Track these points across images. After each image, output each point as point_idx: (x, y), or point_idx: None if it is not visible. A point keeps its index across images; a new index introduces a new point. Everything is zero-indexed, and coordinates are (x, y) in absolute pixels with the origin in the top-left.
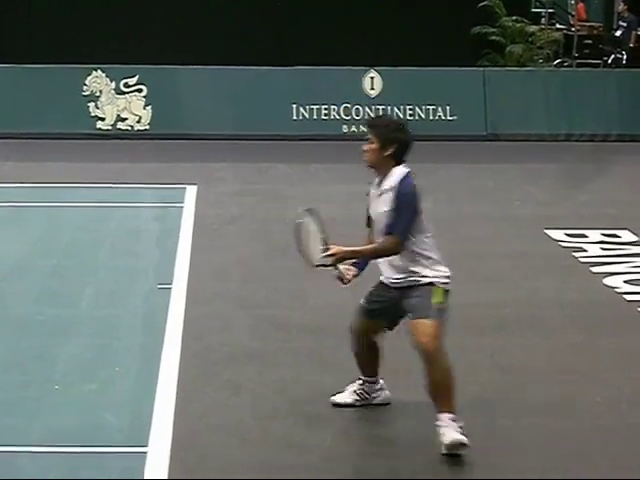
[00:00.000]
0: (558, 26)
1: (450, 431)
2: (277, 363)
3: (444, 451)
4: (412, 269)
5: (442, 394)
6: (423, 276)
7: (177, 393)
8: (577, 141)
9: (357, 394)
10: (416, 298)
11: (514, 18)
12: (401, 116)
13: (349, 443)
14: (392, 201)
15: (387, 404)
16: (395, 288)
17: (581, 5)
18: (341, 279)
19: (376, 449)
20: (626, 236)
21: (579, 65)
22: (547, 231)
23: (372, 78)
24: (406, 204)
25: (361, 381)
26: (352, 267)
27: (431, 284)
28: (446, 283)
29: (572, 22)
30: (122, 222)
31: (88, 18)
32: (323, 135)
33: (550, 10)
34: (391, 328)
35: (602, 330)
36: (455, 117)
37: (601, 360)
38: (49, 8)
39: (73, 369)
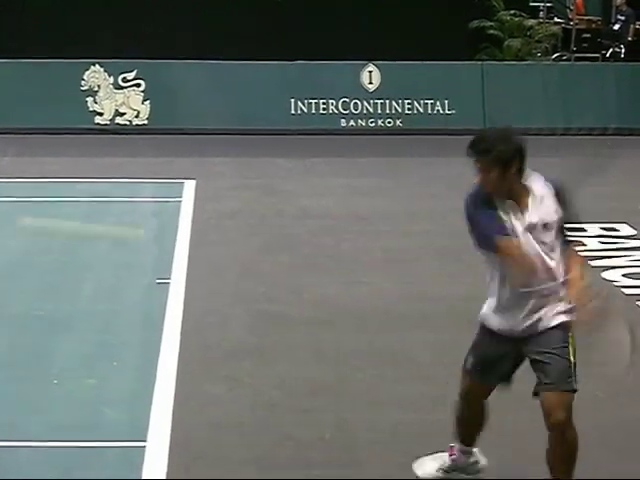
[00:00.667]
0: (556, 20)
1: None
2: (275, 358)
3: None
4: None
5: (569, 467)
6: (558, 315)
7: (176, 388)
8: (575, 135)
9: (445, 470)
10: (551, 355)
11: (512, 12)
12: (399, 110)
13: (348, 437)
14: (556, 204)
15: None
16: (519, 338)
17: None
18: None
19: (375, 441)
20: (625, 230)
21: (577, 59)
22: None
23: (370, 72)
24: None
25: (455, 455)
26: None
27: (567, 324)
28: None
29: (570, 16)
30: (120, 217)
31: (86, 12)
32: (321, 129)
33: (548, 4)
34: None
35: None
36: (453, 111)
37: (600, 353)
38: (46, 2)
39: (72, 364)
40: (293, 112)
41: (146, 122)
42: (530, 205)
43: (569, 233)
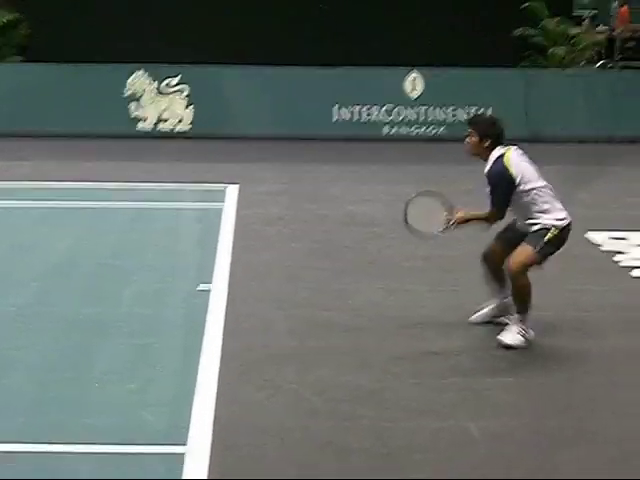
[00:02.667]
0: (600, 28)
1: (510, 333)
2: (317, 363)
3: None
4: (528, 217)
5: (518, 301)
6: (538, 223)
7: (217, 393)
8: (620, 142)
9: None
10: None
11: (556, 20)
12: (443, 118)
13: (388, 445)
14: (487, 184)
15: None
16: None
17: (624, 8)
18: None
19: (415, 449)
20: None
21: (622, 67)
22: (589, 233)
23: (414, 79)
24: (495, 184)
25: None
26: None
27: (545, 229)
28: (560, 223)
29: (615, 24)
30: (164, 222)
31: (130, 17)
32: (364, 136)
33: (592, 12)
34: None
35: None
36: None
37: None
38: (90, 6)
39: (113, 368)
40: (336, 118)
41: (189, 127)
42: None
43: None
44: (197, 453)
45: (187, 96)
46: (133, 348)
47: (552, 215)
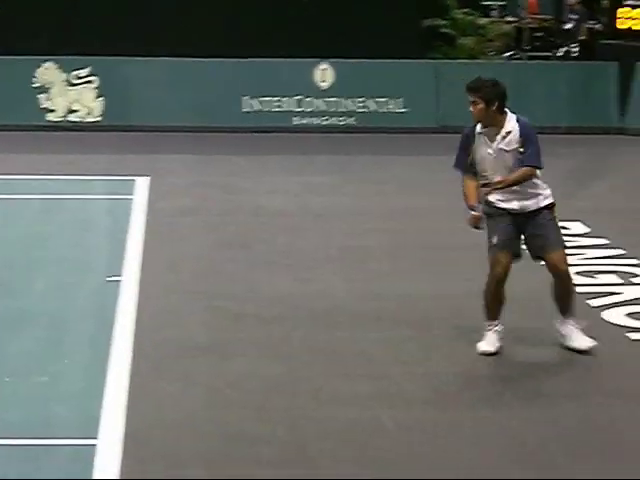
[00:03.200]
0: (509, 19)
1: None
2: (230, 355)
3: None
4: (536, 193)
5: (571, 302)
6: (546, 198)
7: (130, 386)
8: None
9: (500, 340)
10: (548, 228)
11: (465, 10)
12: (353, 109)
13: (301, 434)
14: (519, 139)
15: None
16: (521, 214)
17: None
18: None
19: (328, 438)
20: (577, 228)
21: (530, 58)
22: None
23: (323, 70)
24: (533, 138)
25: (497, 324)
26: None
27: (552, 204)
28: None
29: (523, 15)
30: (73, 214)
31: (38, 9)
32: (275, 127)
33: (501, 3)
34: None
35: (550, 322)
36: (407, 109)
37: (551, 351)
38: None
39: (23, 361)
40: (246, 110)
41: (99, 119)
42: (499, 136)
43: (527, 159)
44: (109, 446)
45: (97, 88)
46: (43, 341)
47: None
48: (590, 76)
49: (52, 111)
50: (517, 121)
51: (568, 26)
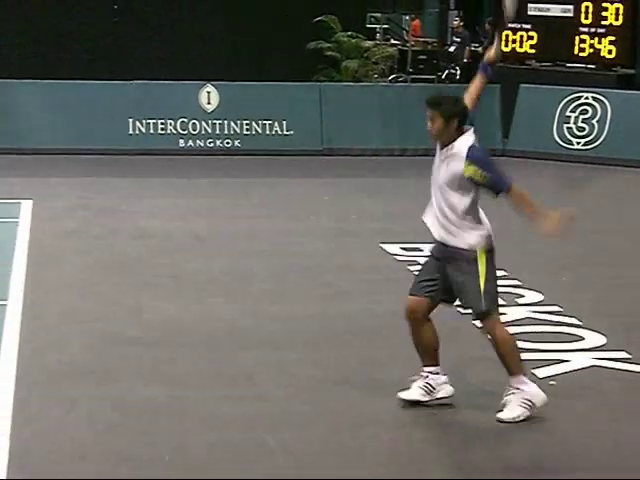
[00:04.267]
0: (393, 41)
1: (512, 405)
2: (113, 378)
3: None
4: (457, 228)
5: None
6: (462, 240)
7: (13, 410)
8: (412, 156)
9: (422, 388)
10: (464, 285)
11: (349, 33)
12: (238, 131)
13: (188, 457)
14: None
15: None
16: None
17: (416, 22)
18: None
19: (216, 461)
20: None
21: (414, 80)
22: (383, 245)
23: (209, 93)
24: (489, 161)
25: (425, 374)
26: None
27: (473, 251)
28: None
29: (407, 37)
30: None
31: None
32: (160, 149)
33: (385, 26)
34: (451, 301)
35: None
36: (291, 132)
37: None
38: None
39: None
40: (131, 132)
41: None
42: (448, 155)
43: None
44: None
45: None
46: None
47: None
48: None
49: None
50: (472, 145)
51: (452, 49)
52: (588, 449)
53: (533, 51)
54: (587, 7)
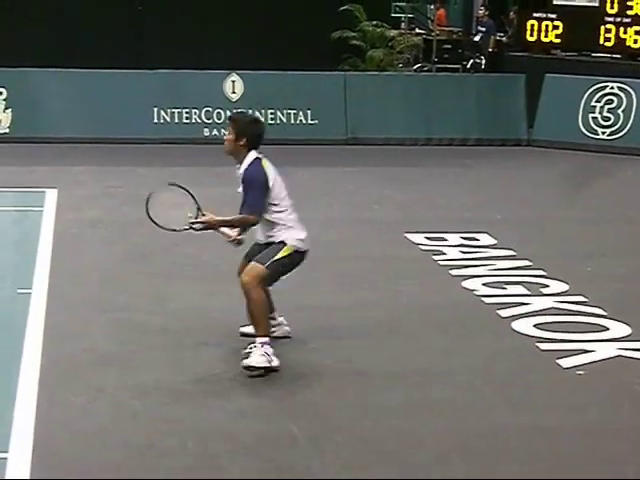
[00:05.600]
0: (418, 31)
1: (254, 355)
2: (137, 367)
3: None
4: (268, 233)
5: (255, 321)
6: (277, 238)
7: (38, 399)
8: (436, 145)
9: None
10: (265, 250)
11: (374, 23)
12: (262, 119)
13: (209, 446)
14: (241, 183)
15: (287, 337)
16: (259, 244)
17: (441, 11)
18: (235, 241)
19: (236, 450)
20: (485, 239)
21: (438, 70)
22: (407, 234)
23: (233, 82)
24: (251, 185)
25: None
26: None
27: (282, 243)
28: (298, 244)
29: (431, 27)
30: None
31: None
32: (184, 139)
33: (410, 15)
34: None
35: (461, 332)
36: (316, 121)
37: (461, 362)
38: None
39: None
40: (156, 121)
41: (7, 131)
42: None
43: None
44: (18, 459)
45: (4, 99)
46: None
47: (293, 234)
48: (498, 88)
49: None
50: (249, 165)
51: (477, 38)
52: (613, 439)
53: (558, 41)
54: None
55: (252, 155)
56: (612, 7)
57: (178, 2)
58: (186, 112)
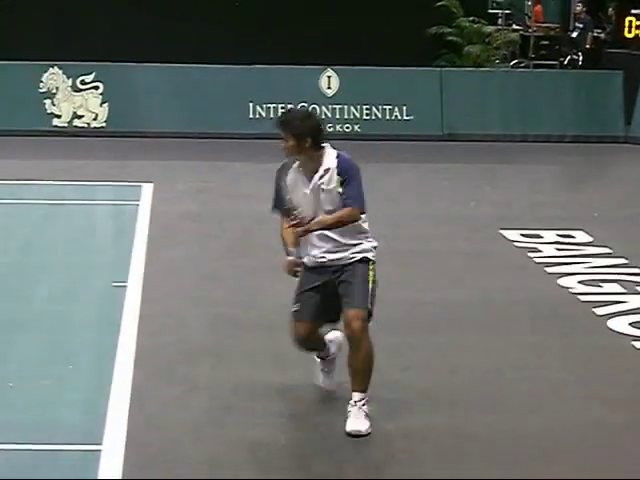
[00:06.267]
0: (515, 27)
1: (354, 418)
2: (231, 361)
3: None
4: (349, 242)
5: (363, 376)
6: (359, 249)
7: (132, 390)
8: (533, 142)
9: (324, 372)
10: (354, 284)
11: (471, 19)
12: (357, 116)
13: (305, 440)
14: (339, 177)
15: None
16: (328, 268)
17: (538, 7)
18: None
19: (329, 445)
20: (581, 237)
21: (535, 66)
22: (502, 231)
23: (329, 77)
24: (355, 175)
25: (320, 360)
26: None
27: (366, 260)
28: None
29: (529, 23)
30: (79, 219)
31: (45, 15)
32: (279, 134)
33: (507, 11)
34: (336, 319)
35: (556, 330)
36: (411, 117)
37: (555, 359)
38: (5, 4)
39: (27, 366)
40: (251, 116)
41: (104, 125)
42: (317, 174)
43: (348, 200)
44: (112, 450)
45: (102, 93)
46: (47, 346)
47: (373, 242)
48: (595, 85)
49: (58, 116)
50: (337, 157)
51: (574, 34)
52: None
53: None
54: None
55: (331, 150)
56: None
57: None
58: (282, 107)
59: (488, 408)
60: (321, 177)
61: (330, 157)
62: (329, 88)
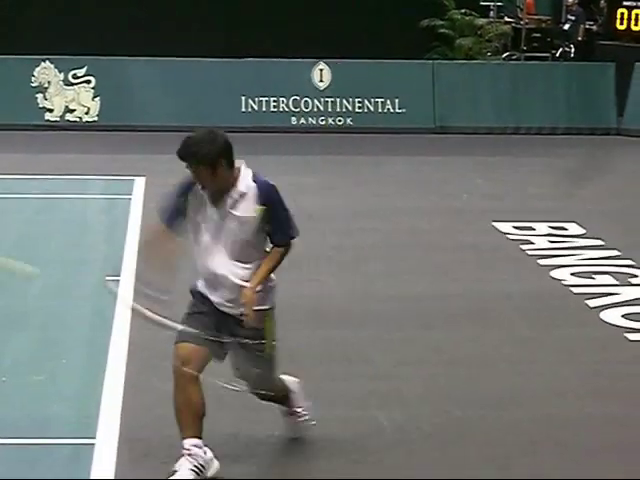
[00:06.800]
0: (507, 19)
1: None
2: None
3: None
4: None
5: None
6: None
7: (125, 385)
8: (525, 134)
9: (195, 471)
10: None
11: (463, 11)
12: (350, 109)
13: (304, 439)
14: (260, 208)
15: None
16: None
17: None
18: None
19: (324, 438)
20: (573, 229)
21: (527, 58)
22: (495, 224)
23: (321, 70)
24: (279, 200)
25: (191, 451)
26: None
27: (267, 310)
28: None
29: (521, 15)
30: (70, 214)
31: (36, 8)
32: (272, 127)
33: (499, 3)
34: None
35: (549, 322)
36: (404, 110)
37: (548, 352)
38: None
39: (20, 361)
40: (244, 110)
41: (96, 119)
42: (229, 199)
43: (280, 237)
44: (105, 444)
45: (94, 87)
46: (40, 340)
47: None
48: (587, 77)
49: (50, 110)
50: (254, 181)
51: (566, 27)
52: None
53: None
54: None
55: (245, 169)
56: None
57: None
58: (274, 101)
59: (481, 402)
60: (235, 203)
61: (245, 180)
62: (321, 81)
